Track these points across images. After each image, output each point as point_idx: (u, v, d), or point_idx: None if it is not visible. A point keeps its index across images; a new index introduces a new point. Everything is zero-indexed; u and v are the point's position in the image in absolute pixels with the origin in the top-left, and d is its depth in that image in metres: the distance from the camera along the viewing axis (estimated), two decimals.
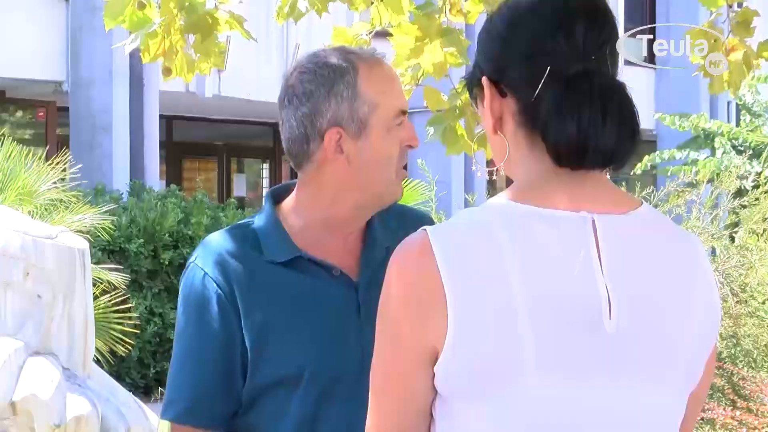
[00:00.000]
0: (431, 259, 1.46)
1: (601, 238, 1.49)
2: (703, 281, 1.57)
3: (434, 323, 1.46)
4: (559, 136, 1.49)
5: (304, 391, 2.00)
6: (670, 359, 1.52)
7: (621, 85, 1.54)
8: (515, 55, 1.55)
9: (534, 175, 1.54)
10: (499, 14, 1.59)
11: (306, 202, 2.09)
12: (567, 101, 1.49)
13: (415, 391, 1.50)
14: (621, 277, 1.49)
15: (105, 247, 9.77)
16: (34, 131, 14.05)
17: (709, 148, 14.05)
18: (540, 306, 1.45)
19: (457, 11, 3.48)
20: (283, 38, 14.41)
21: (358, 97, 2.04)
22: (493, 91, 1.57)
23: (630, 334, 1.48)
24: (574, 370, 1.46)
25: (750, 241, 6.43)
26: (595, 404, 1.47)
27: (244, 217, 11.27)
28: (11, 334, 3.96)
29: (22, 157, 7.83)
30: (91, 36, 12.43)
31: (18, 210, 6.34)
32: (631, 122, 1.52)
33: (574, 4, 1.56)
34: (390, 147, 2.05)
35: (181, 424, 2.06)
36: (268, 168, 17.85)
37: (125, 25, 3.36)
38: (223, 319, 2.02)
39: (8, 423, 3.84)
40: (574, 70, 1.51)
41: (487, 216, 1.50)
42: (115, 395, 4.12)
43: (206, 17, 3.37)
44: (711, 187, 6.95)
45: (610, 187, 1.56)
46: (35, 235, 3.97)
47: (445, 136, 3.54)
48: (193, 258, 2.08)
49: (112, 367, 8.07)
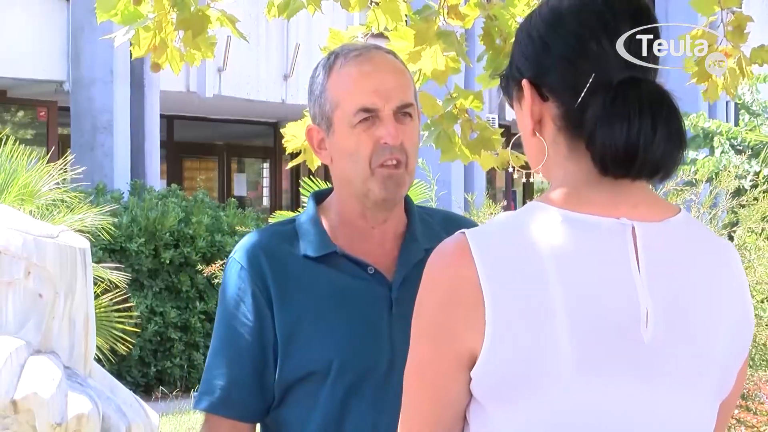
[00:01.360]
0: (470, 262, 1.45)
1: (640, 246, 1.47)
2: (738, 291, 1.56)
3: (472, 326, 1.44)
4: (606, 145, 1.46)
5: (332, 386, 2.01)
6: (704, 369, 1.50)
7: (669, 94, 1.50)
8: (557, 59, 1.51)
9: (574, 180, 1.51)
10: (540, 14, 1.55)
11: (333, 201, 2.14)
12: (616, 109, 1.46)
13: (450, 394, 1.48)
14: (659, 286, 1.47)
15: (106, 246, 9.76)
16: (35, 131, 14.05)
17: (707, 147, 14.03)
18: (577, 312, 1.44)
19: (455, 15, 3.47)
20: (283, 38, 14.41)
21: (324, 95, 2.08)
22: (533, 93, 1.54)
23: (665, 343, 1.47)
24: (609, 377, 1.45)
25: (748, 240, 6.43)
26: (628, 411, 1.46)
27: (244, 216, 11.33)
28: (12, 333, 3.96)
29: (23, 156, 7.82)
30: (92, 36, 12.41)
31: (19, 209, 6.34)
32: (680, 133, 1.49)
33: (618, 5, 1.52)
34: (354, 144, 2.05)
35: (214, 414, 2.07)
36: (269, 167, 17.84)
37: (117, 19, 3.35)
38: (257, 312, 2.04)
39: (9, 421, 3.84)
40: (621, 76, 1.48)
41: (526, 220, 1.48)
42: (116, 394, 4.12)
43: (198, 14, 3.38)
44: (710, 186, 6.95)
45: (649, 194, 1.53)
46: (37, 234, 3.97)
47: (439, 142, 3.53)
48: (233, 253, 2.11)
49: (113, 365, 8.07)
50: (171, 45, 3.42)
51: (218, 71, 13.86)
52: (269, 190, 17.83)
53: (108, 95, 12.47)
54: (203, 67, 13.55)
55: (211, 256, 10.23)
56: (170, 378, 10.26)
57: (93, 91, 12.52)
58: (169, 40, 3.41)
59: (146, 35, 3.36)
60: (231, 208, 11.34)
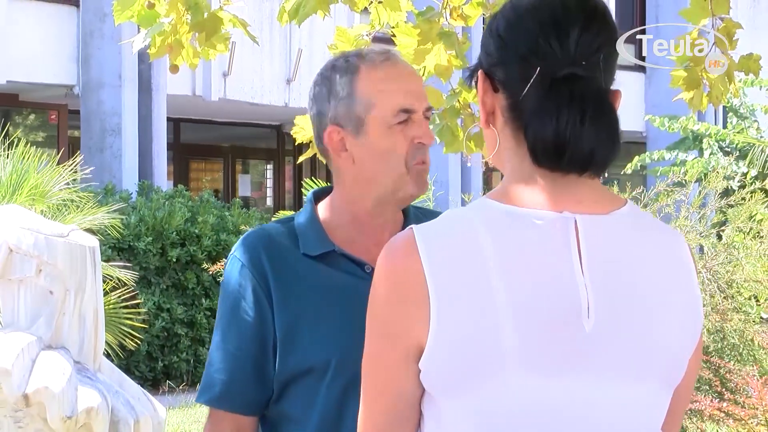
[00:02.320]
0: (416, 257, 1.46)
1: (582, 239, 1.47)
2: (686, 279, 1.55)
3: (419, 319, 1.45)
4: (537, 137, 1.47)
5: (330, 381, 2.00)
6: (650, 356, 1.49)
7: (605, 92, 1.51)
8: (511, 54, 1.53)
9: (519, 173, 1.52)
10: (501, 12, 1.57)
11: (337, 200, 2.12)
12: (547, 102, 1.47)
13: (401, 385, 1.49)
14: (601, 277, 1.47)
15: (115, 245, 9.77)
16: (46, 133, 14.04)
17: (697, 149, 14.03)
18: (519, 304, 1.43)
19: (457, 15, 3.48)
20: (286, 43, 14.40)
21: (353, 96, 2.05)
22: (487, 85, 1.56)
23: (608, 332, 1.46)
24: (553, 367, 1.45)
25: (737, 239, 6.43)
26: (573, 399, 1.46)
27: (249, 216, 11.31)
28: (24, 329, 3.96)
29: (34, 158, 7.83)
30: (101, 41, 12.43)
31: (31, 209, 6.34)
32: (611, 129, 1.49)
33: (572, 7, 1.53)
34: (391, 143, 2.04)
35: (215, 408, 2.07)
36: (272, 169, 17.83)
37: (134, 19, 3.36)
38: (257, 308, 2.03)
39: (21, 414, 3.85)
40: (561, 73, 1.49)
41: (472, 216, 1.49)
42: (125, 388, 4.12)
43: (211, 17, 3.39)
44: (699, 187, 6.95)
45: (595, 187, 1.52)
46: (47, 233, 3.97)
47: (442, 135, 3.54)
48: (233, 250, 2.10)
49: (121, 360, 8.08)
50: (187, 44, 3.43)
51: (223, 75, 13.86)
52: (272, 191, 17.82)
53: (116, 99, 12.47)
54: (209, 72, 13.55)
55: (216, 254, 10.23)
56: (177, 372, 10.26)
57: (102, 94, 12.52)
58: (185, 40, 3.43)
59: (162, 37, 3.38)
60: (236, 208, 11.34)
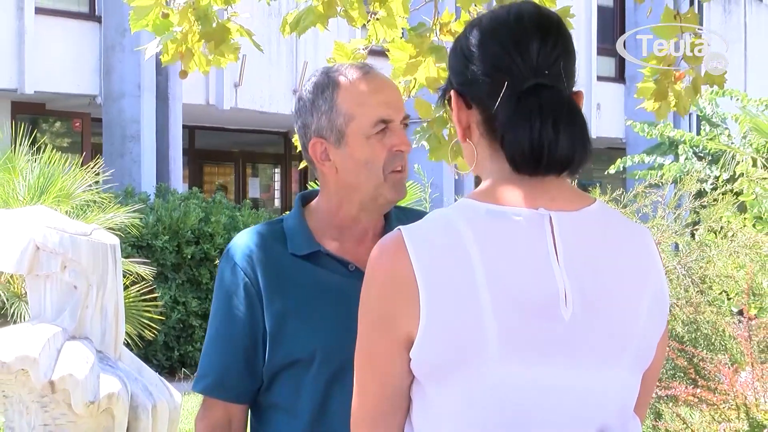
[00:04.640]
0: (405, 256, 1.47)
1: (557, 233, 1.48)
2: (653, 269, 1.55)
3: (409, 313, 1.46)
4: (514, 146, 1.48)
5: (316, 373, 2.00)
6: (623, 343, 1.50)
7: (570, 99, 1.52)
8: (478, 72, 1.53)
9: (497, 178, 1.52)
10: (464, 34, 1.58)
11: (323, 205, 2.11)
12: (519, 113, 1.48)
13: (392, 373, 1.50)
14: (575, 269, 1.47)
15: (134, 242, 9.76)
16: (70, 140, 14.04)
17: (673, 154, 14.03)
18: (500, 295, 1.44)
19: (446, 31, 3.49)
20: (292, 56, 14.40)
21: (334, 109, 2.03)
22: (460, 102, 1.57)
23: (584, 320, 1.47)
24: (533, 355, 1.45)
25: (709, 237, 6.43)
26: (553, 385, 1.46)
27: (258, 216, 11.30)
28: (50, 321, 3.96)
29: (60, 163, 7.83)
30: (121, 54, 12.42)
31: (57, 210, 6.34)
32: (582, 133, 1.50)
33: (528, 24, 1.53)
34: (371, 153, 2.02)
35: (209, 396, 2.07)
36: (280, 172, 17.83)
37: (149, 28, 3.38)
38: (248, 304, 2.02)
39: (47, 400, 3.85)
40: (527, 84, 1.49)
41: (454, 215, 1.49)
42: (143, 375, 4.12)
43: (220, 27, 3.40)
44: (675, 189, 6.94)
45: (566, 187, 1.54)
46: (72, 232, 3.97)
47: (429, 142, 3.54)
48: (227, 250, 2.09)
49: (140, 349, 8.07)
50: (198, 52, 3.44)
51: (234, 86, 13.86)
52: (280, 193, 17.82)
53: (136, 107, 12.47)
54: (221, 82, 13.56)
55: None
56: (192, 361, 10.25)
57: (122, 103, 12.51)
58: (196, 49, 3.43)
59: (174, 45, 3.39)
60: (246, 208, 11.34)
